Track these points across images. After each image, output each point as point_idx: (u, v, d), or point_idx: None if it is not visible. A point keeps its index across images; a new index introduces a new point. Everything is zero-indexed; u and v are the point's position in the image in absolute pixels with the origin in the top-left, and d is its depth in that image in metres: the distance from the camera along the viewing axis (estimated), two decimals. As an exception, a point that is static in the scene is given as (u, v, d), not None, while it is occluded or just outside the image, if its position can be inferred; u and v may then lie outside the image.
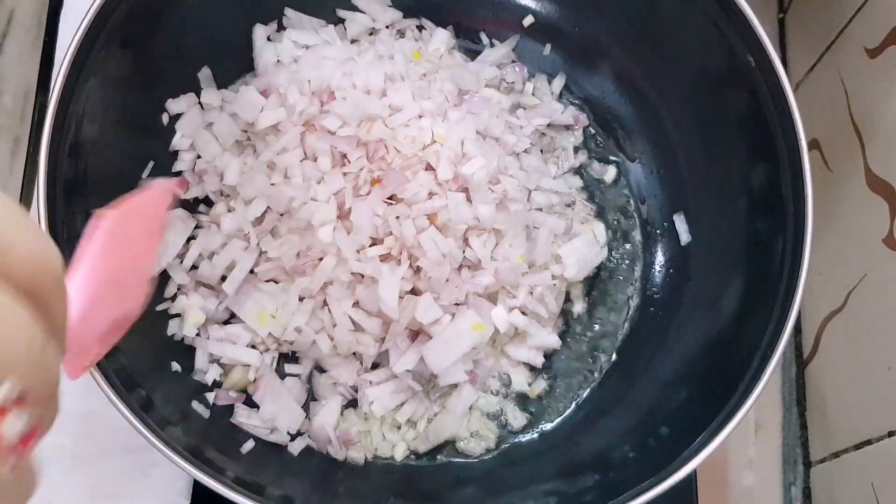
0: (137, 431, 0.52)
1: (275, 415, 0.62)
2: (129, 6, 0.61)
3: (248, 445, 0.62)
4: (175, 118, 0.68)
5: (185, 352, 0.64)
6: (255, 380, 0.63)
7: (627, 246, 0.75)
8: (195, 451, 0.55)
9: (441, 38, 0.75)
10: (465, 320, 0.62)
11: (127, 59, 0.63)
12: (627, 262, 0.74)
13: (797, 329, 0.81)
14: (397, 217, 0.62)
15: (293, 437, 0.64)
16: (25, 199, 0.76)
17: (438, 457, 0.67)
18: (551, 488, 0.63)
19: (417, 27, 0.76)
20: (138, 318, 0.39)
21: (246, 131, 0.68)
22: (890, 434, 0.64)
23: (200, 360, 0.64)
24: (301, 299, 0.64)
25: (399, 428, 0.66)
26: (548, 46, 0.78)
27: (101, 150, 0.61)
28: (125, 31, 0.61)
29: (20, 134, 0.80)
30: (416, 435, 0.66)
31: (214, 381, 0.64)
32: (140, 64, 0.64)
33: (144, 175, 0.66)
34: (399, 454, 0.66)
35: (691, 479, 0.66)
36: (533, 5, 0.77)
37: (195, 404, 0.62)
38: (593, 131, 0.77)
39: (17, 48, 0.83)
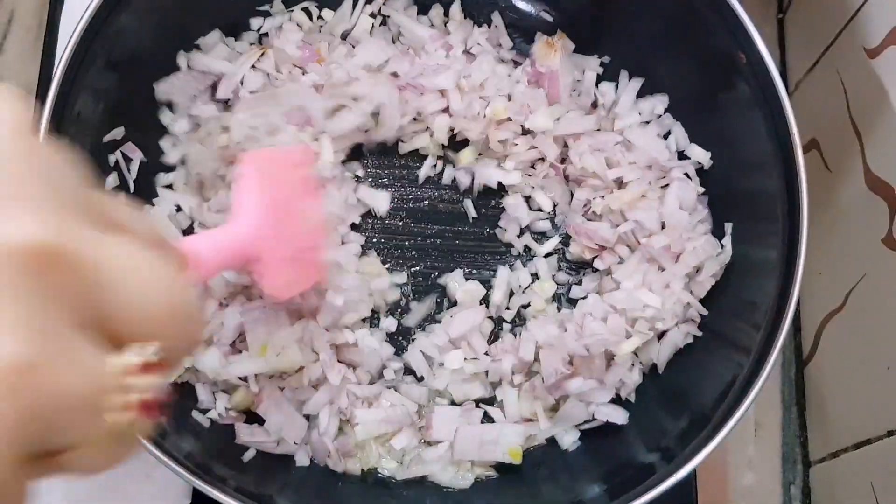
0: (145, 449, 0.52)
1: (281, 426, 0.62)
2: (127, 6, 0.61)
3: (249, 454, 0.62)
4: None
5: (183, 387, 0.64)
6: (259, 391, 0.63)
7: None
8: (196, 462, 0.55)
9: None
10: (511, 437, 0.63)
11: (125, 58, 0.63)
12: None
13: (797, 329, 0.81)
14: None
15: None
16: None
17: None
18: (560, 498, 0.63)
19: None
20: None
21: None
22: (889, 434, 0.64)
23: (202, 394, 0.63)
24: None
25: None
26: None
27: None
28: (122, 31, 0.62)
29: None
30: (399, 461, 0.65)
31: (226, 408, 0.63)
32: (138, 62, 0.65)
33: (133, 168, 0.66)
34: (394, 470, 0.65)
35: (691, 479, 0.66)
36: (525, 6, 0.77)
37: (195, 414, 0.62)
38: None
39: (17, 48, 0.83)
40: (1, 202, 0.24)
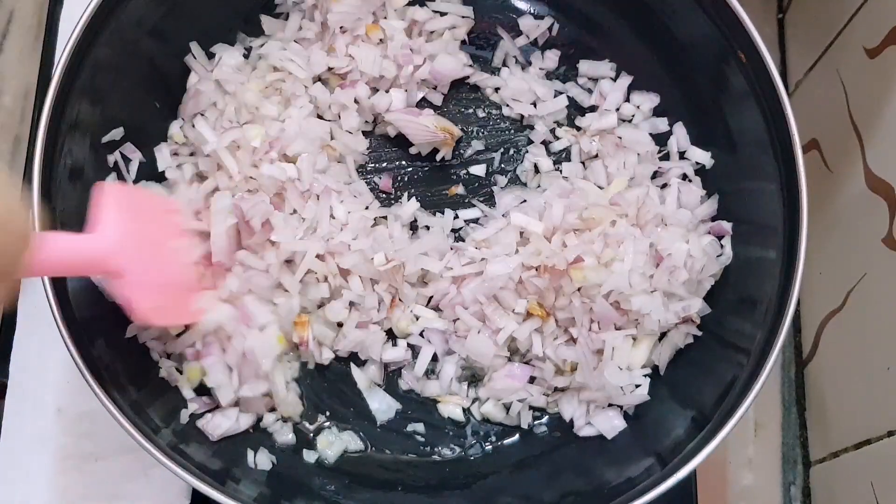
0: (141, 447, 0.52)
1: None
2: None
3: (250, 456, 0.62)
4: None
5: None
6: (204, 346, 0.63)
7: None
8: (200, 466, 0.55)
9: None
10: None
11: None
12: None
13: (797, 329, 0.81)
14: None
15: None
16: (26, 196, 0.76)
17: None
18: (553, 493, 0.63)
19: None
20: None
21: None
22: (889, 434, 0.64)
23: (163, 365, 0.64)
24: None
25: None
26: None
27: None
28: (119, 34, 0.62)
29: (20, 133, 0.80)
30: None
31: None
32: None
33: (132, 168, 0.67)
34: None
35: (691, 479, 0.66)
36: (531, 8, 0.76)
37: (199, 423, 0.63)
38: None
39: (17, 48, 0.83)
40: None
